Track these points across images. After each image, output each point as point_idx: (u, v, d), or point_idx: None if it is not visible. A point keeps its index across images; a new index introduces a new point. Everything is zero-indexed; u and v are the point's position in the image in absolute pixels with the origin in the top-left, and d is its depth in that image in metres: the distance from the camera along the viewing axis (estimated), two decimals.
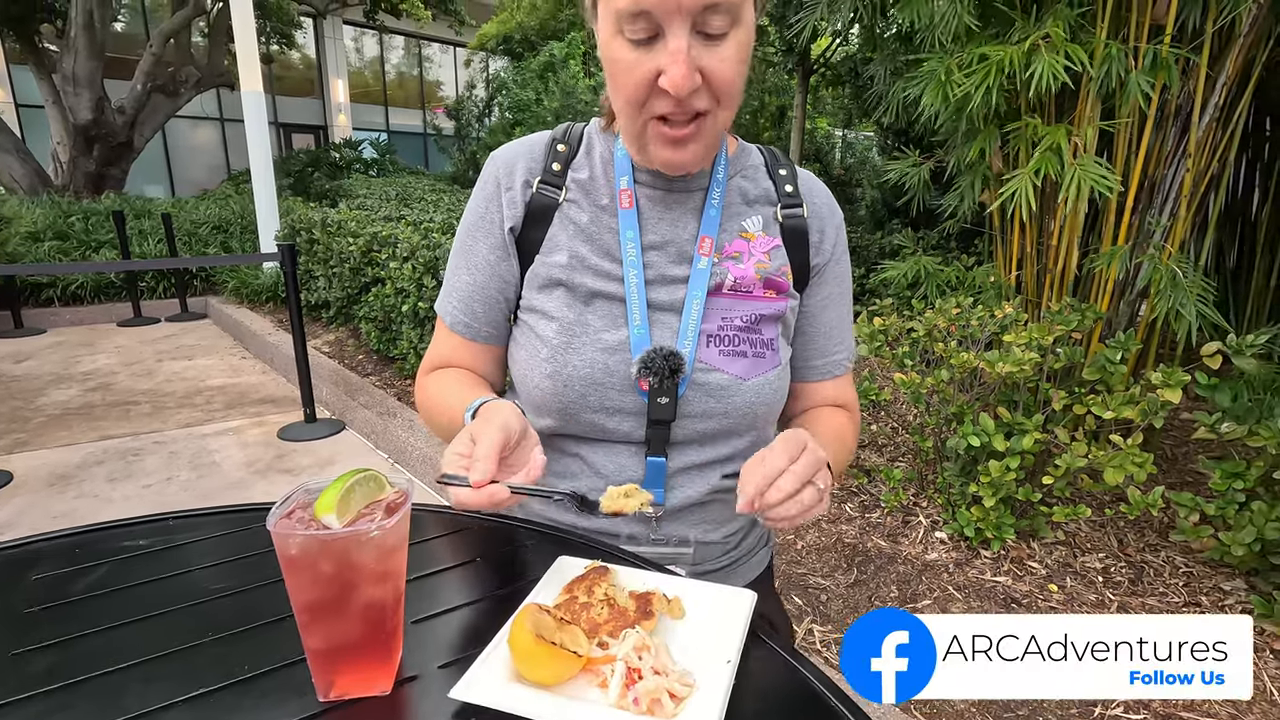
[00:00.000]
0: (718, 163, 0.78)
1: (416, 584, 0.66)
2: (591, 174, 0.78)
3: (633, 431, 0.74)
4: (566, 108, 8.11)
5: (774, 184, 0.81)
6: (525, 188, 0.78)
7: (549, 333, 0.74)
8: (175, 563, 0.69)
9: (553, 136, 0.80)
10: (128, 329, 6.06)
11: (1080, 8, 2.18)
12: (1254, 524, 1.81)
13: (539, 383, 0.74)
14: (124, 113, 9.87)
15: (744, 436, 0.78)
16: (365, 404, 3.73)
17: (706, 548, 0.81)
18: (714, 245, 0.75)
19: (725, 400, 0.74)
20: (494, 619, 0.59)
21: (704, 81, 0.63)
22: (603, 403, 0.73)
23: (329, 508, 0.47)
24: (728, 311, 0.75)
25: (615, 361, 0.72)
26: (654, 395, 0.72)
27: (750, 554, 0.88)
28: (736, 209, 0.78)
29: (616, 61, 0.65)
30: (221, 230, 7.69)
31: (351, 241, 4.51)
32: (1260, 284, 3.10)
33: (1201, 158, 2.28)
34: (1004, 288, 2.68)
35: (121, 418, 3.90)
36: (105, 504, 2.92)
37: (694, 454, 0.76)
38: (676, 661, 0.53)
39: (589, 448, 0.77)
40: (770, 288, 0.77)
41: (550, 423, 0.77)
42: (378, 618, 0.49)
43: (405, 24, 13.97)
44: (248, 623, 0.59)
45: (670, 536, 0.78)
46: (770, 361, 0.76)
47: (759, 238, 0.78)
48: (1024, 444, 2.05)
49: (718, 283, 0.75)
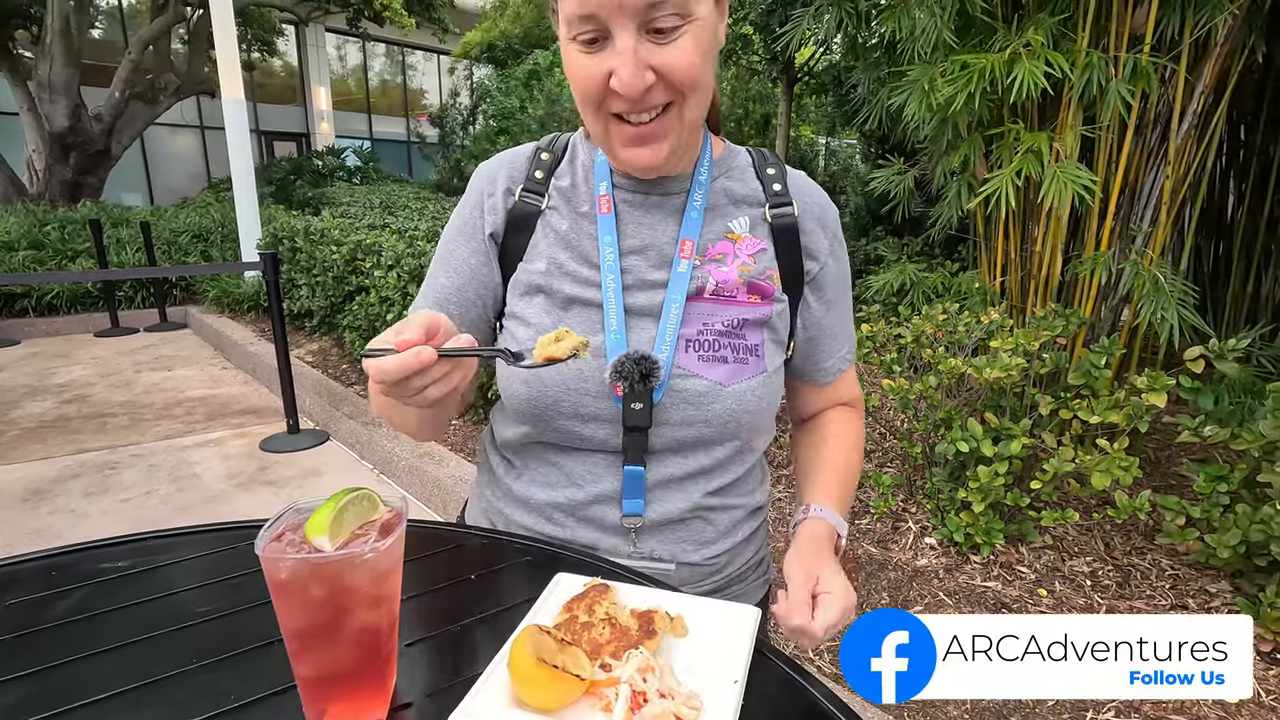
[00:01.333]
0: (700, 164, 0.76)
1: (409, 605, 0.64)
2: (573, 181, 0.78)
3: (609, 439, 0.73)
4: (551, 115, 8.10)
5: (761, 184, 0.79)
6: (507, 195, 0.78)
7: (525, 338, 0.74)
8: (157, 585, 0.66)
9: (537, 146, 0.81)
10: (105, 339, 5.95)
11: (1061, 14, 2.21)
12: (1238, 526, 1.83)
13: (515, 389, 0.74)
14: (101, 120, 9.74)
15: (725, 446, 0.76)
16: (350, 414, 3.68)
17: (687, 569, 0.78)
18: (695, 248, 0.74)
19: (704, 407, 0.72)
20: (491, 640, 0.57)
21: (659, 78, 0.63)
22: (576, 409, 0.72)
23: (321, 529, 0.46)
24: (709, 316, 0.73)
25: (590, 367, 0.71)
26: (628, 401, 0.71)
27: (740, 581, 0.84)
28: (721, 210, 0.77)
29: (571, 64, 0.66)
30: (202, 239, 7.58)
31: (335, 250, 4.47)
32: (1238, 288, 3.15)
33: (1181, 164, 2.32)
34: (989, 294, 2.70)
35: (98, 430, 3.82)
36: (81, 519, 2.85)
37: (674, 465, 0.74)
38: (682, 683, 0.51)
39: (566, 456, 0.76)
40: (754, 292, 0.75)
41: (527, 429, 0.76)
42: (372, 643, 0.47)
43: (389, 31, 13.92)
44: (234, 648, 0.57)
45: (651, 551, 0.75)
46: (754, 368, 0.74)
47: (745, 239, 0.76)
48: (1012, 449, 2.06)
49: (698, 287, 0.74)
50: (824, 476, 0.82)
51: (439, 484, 2.88)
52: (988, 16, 2.33)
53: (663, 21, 0.61)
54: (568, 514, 0.76)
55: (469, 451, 3.18)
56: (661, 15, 0.60)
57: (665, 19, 0.60)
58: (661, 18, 0.60)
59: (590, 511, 0.75)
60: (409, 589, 0.67)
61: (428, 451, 3.14)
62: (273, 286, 3.46)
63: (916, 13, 2.37)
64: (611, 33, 0.61)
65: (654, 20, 0.60)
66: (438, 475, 2.91)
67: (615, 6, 0.59)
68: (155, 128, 12.80)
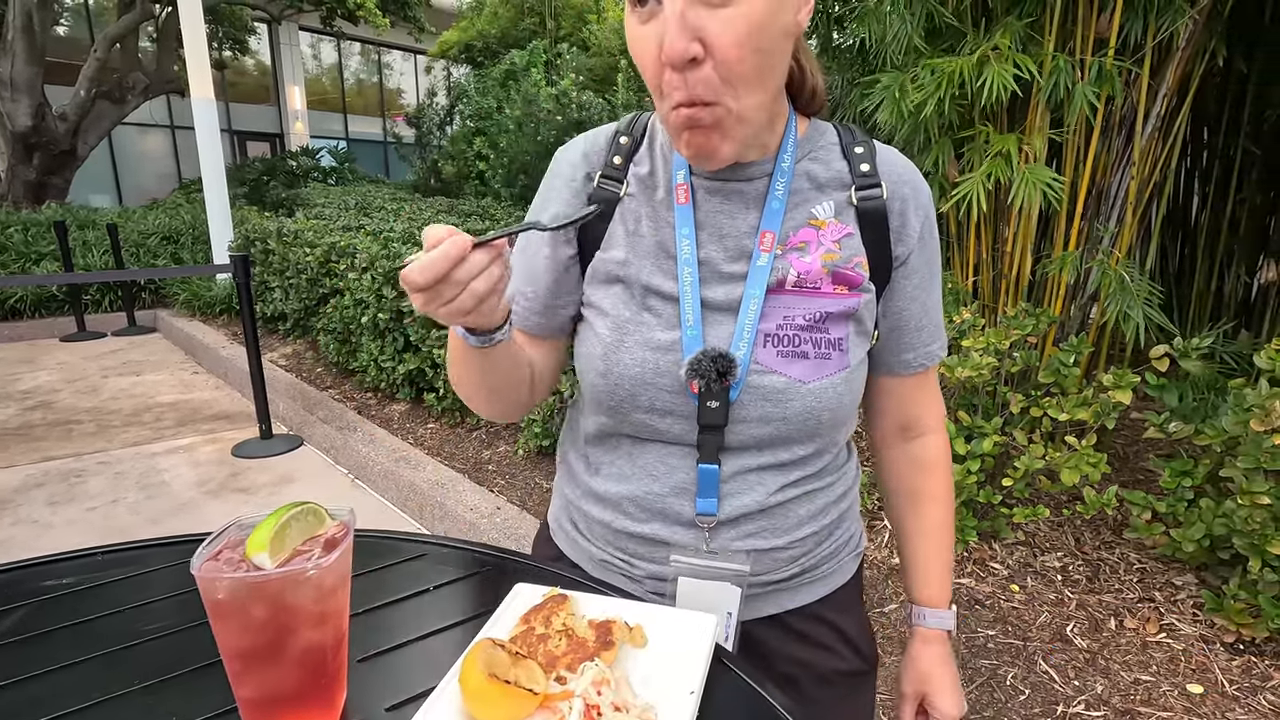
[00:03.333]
0: (784, 148, 0.71)
1: (363, 618, 0.62)
2: (651, 168, 0.74)
3: (685, 434, 0.71)
4: (528, 116, 8.05)
5: (849, 164, 0.73)
6: (587, 181, 0.75)
7: (603, 329, 0.72)
8: (101, 603, 0.64)
9: (616, 129, 0.77)
10: (71, 344, 5.81)
11: (1028, 18, 2.25)
12: (1202, 520, 1.86)
13: (593, 380, 0.72)
14: (66, 120, 9.51)
15: (806, 444, 0.72)
16: (324, 418, 3.63)
17: (768, 555, 0.74)
18: (775, 239, 0.70)
19: (783, 405, 0.68)
20: (448, 654, 0.56)
21: (706, 54, 0.56)
22: (653, 403, 0.70)
23: (261, 546, 0.44)
24: (789, 310, 0.69)
25: (666, 361, 0.69)
26: (704, 399, 0.68)
27: (832, 559, 0.80)
28: (804, 195, 0.72)
29: (632, 41, 0.61)
30: (172, 241, 7.43)
31: (308, 252, 4.40)
32: (1201, 287, 3.22)
33: (1145, 166, 2.36)
34: (962, 293, 2.73)
35: (63, 438, 3.72)
36: (45, 530, 2.78)
37: (749, 459, 0.72)
38: (639, 694, 0.51)
39: (641, 449, 0.74)
40: (840, 282, 0.70)
41: (604, 420, 0.75)
42: (317, 662, 0.46)
43: (364, 31, 13.75)
44: (179, 668, 0.55)
45: (725, 549, 0.73)
46: (837, 363, 0.69)
47: (830, 225, 0.71)
48: (984, 447, 2.08)
49: (779, 279, 0.69)
50: (934, 569, 0.83)
51: (415, 488, 2.85)
52: (956, 20, 2.36)
53: None
54: (641, 508, 0.74)
55: (446, 455, 3.15)
56: None
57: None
58: None
59: (664, 505, 0.73)
60: (366, 602, 0.66)
61: (404, 456, 3.11)
62: (244, 289, 3.40)
63: (888, 18, 2.40)
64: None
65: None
66: (414, 480, 2.87)
67: None
68: (124, 127, 12.53)
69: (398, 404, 3.76)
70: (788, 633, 0.77)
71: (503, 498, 2.75)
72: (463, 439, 3.31)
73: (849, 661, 0.80)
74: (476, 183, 9.39)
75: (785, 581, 0.75)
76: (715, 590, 0.70)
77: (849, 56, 3.28)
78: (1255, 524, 1.70)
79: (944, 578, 0.83)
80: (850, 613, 0.82)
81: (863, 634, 0.83)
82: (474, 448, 3.21)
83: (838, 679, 0.79)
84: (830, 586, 0.79)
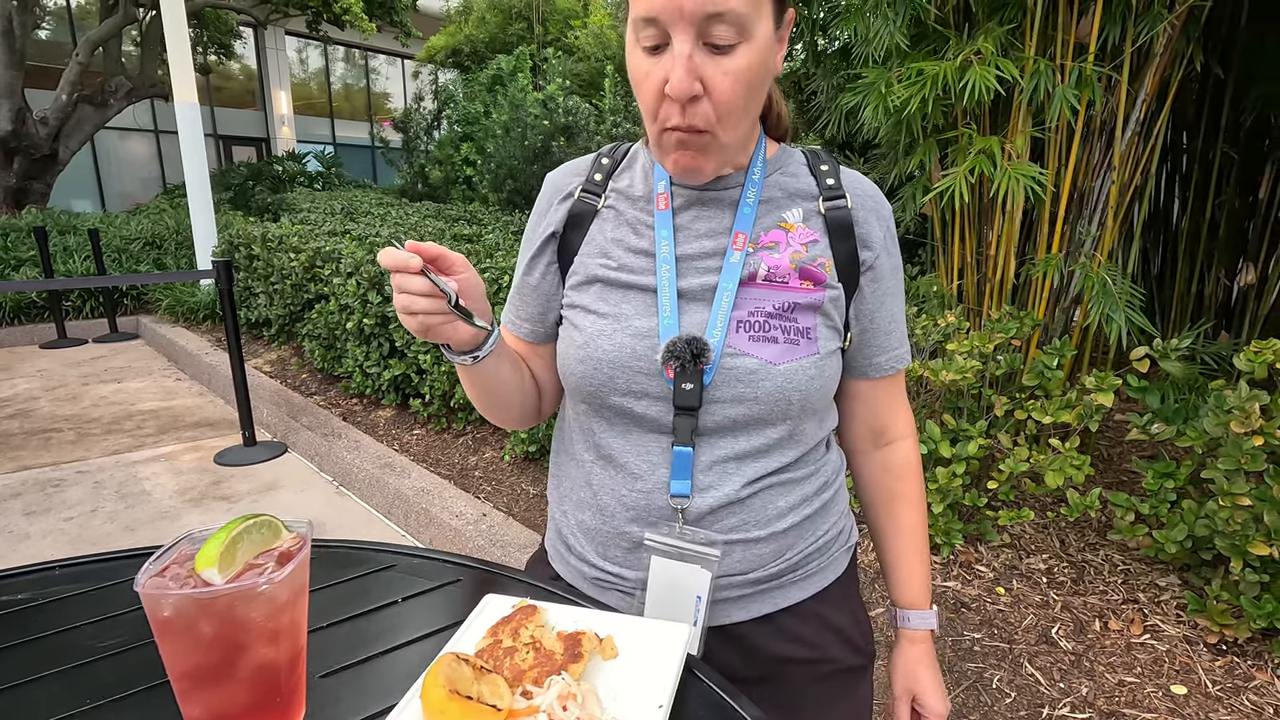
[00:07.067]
0: (754, 163, 0.79)
1: (327, 632, 0.61)
2: (632, 181, 0.82)
3: (660, 417, 0.75)
4: (515, 121, 8.03)
5: (815, 179, 0.81)
6: (568, 198, 0.83)
7: (585, 323, 0.77)
8: (54, 619, 0.62)
9: (600, 153, 0.86)
10: (51, 351, 5.72)
11: (1009, 24, 2.26)
12: (1185, 521, 1.87)
13: (573, 368, 0.77)
14: (47, 124, 9.40)
15: (777, 427, 0.75)
16: (309, 425, 3.59)
17: (749, 549, 0.76)
18: (748, 239, 0.76)
19: (754, 385, 0.72)
20: (415, 668, 0.54)
21: (705, 93, 0.65)
22: (629, 386, 0.74)
23: (210, 561, 0.43)
24: (760, 300, 0.75)
25: (643, 347, 0.74)
26: (679, 381, 0.73)
27: (821, 555, 0.82)
28: (775, 202, 0.79)
29: (634, 70, 0.69)
30: (155, 246, 7.35)
31: (293, 257, 4.36)
32: (1182, 289, 3.25)
33: (1126, 170, 2.38)
34: (946, 297, 2.74)
35: (41, 446, 3.66)
36: (21, 540, 2.72)
37: (724, 446, 0.75)
38: (606, 709, 0.49)
39: (618, 438, 0.77)
40: (806, 278, 0.76)
41: (583, 407, 0.79)
42: (270, 681, 0.44)
43: (350, 35, 13.69)
44: (131, 686, 0.53)
45: (696, 535, 0.74)
46: (806, 349, 0.74)
47: (798, 228, 0.78)
48: (969, 450, 2.09)
49: (750, 273, 0.75)
50: (915, 570, 0.87)
51: (400, 496, 2.82)
52: (940, 25, 2.37)
53: (720, 37, 0.64)
54: (625, 505, 0.76)
55: (432, 462, 3.12)
56: (719, 29, 0.63)
57: (722, 33, 0.63)
58: (719, 32, 0.63)
59: (648, 500, 0.75)
60: (330, 615, 0.64)
61: (389, 463, 3.08)
62: (226, 295, 3.36)
63: (871, 19, 2.41)
64: (671, 39, 0.64)
65: (711, 33, 0.64)
66: (399, 487, 2.84)
67: (676, 12, 0.62)
68: (107, 132, 12.41)
69: (383, 410, 3.73)
70: (782, 633, 0.78)
71: (489, 504, 2.73)
72: (449, 445, 3.28)
73: (845, 657, 0.81)
74: (464, 188, 9.35)
75: (774, 579, 0.78)
76: (687, 572, 0.71)
77: (834, 61, 3.30)
78: (1236, 525, 1.71)
79: (924, 578, 0.87)
80: (845, 607, 0.84)
81: (859, 628, 0.85)
82: (460, 454, 3.19)
83: (835, 675, 0.81)
84: (822, 582, 0.82)
